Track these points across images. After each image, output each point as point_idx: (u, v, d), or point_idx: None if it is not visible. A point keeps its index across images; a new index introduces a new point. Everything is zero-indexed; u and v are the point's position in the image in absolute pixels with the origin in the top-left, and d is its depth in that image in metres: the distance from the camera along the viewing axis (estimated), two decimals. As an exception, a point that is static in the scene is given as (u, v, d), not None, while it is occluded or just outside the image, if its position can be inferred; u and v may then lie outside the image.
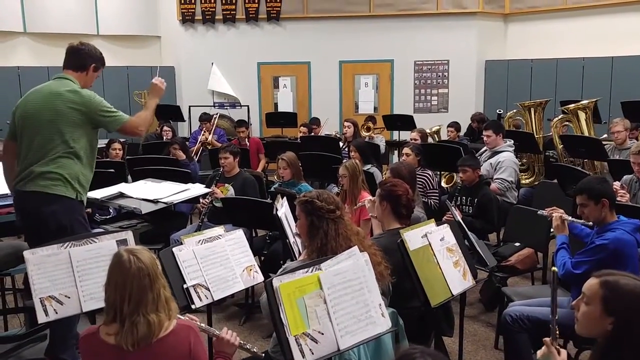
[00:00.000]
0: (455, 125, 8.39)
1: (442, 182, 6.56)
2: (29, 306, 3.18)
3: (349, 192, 4.44)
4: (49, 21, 9.65)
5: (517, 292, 3.82)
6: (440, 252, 2.99)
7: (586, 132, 6.34)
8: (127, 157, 6.55)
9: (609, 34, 8.99)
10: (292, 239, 3.50)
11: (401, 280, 2.84)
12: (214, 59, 10.54)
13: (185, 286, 2.84)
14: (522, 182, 6.64)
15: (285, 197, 3.87)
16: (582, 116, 6.38)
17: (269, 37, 10.55)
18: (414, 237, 2.91)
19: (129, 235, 2.91)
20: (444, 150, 6.31)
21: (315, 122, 8.92)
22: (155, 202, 4.09)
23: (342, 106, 10.72)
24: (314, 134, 8.35)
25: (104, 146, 6.70)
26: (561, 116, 6.68)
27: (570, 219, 3.34)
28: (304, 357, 2.09)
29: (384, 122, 8.92)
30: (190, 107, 10.18)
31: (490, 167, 5.59)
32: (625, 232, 3.06)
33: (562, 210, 3.40)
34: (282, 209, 3.63)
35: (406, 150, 5.53)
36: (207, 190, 4.81)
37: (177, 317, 2.15)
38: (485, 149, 5.93)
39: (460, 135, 8.51)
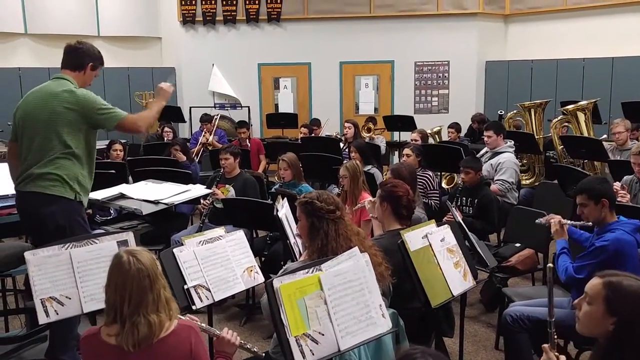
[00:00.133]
0: (455, 126, 8.39)
1: (443, 182, 6.56)
2: (30, 307, 3.18)
3: (349, 193, 4.44)
4: (49, 22, 9.66)
5: (517, 292, 3.82)
6: (440, 253, 2.99)
7: (585, 133, 6.34)
8: (128, 158, 6.56)
9: (609, 34, 8.99)
10: (292, 240, 3.50)
11: (402, 281, 2.84)
12: (214, 60, 10.55)
13: (186, 287, 2.84)
14: (523, 182, 6.65)
15: (285, 198, 3.87)
16: (582, 117, 6.38)
17: (270, 38, 10.55)
18: (414, 238, 2.91)
19: (129, 236, 2.91)
20: (445, 151, 6.31)
21: (315, 123, 8.93)
22: (156, 203, 4.09)
23: (343, 107, 10.72)
24: (314, 134, 8.36)
25: (105, 147, 6.71)
26: (560, 117, 6.68)
27: (569, 223, 3.32)
28: (304, 357, 2.09)
29: (385, 123, 8.92)
30: (190, 108, 10.19)
31: (490, 168, 5.59)
32: (625, 232, 3.06)
33: (559, 216, 3.39)
34: (283, 209, 3.63)
35: (407, 151, 5.53)
36: (208, 191, 4.81)
37: (177, 318, 2.16)
38: (485, 149, 5.93)
39: (460, 136, 8.51)
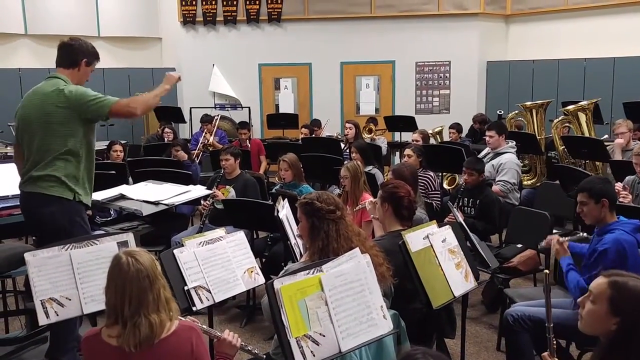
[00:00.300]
0: (456, 126, 8.38)
1: (444, 183, 6.55)
2: (30, 308, 3.18)
3: (350, 194, 4.43)
4: (50, 23, 9.67)
5: (519, 293, 3.81)
6: (442, 254, 2.99)
7: (586, 133, 6.33)
8: (128, 159, 6.55)
9: (611, 34, 8.98)
10: (293, 241, 3.50)
11: (403, 282, 2.83)
12: (215, 60, 10.55)
13: (186, 288, 2.83)
14: (524, 183, 6.63)
15: (286, 199, 3.87)
16: (583, 117, 6.36)
17: (270, 39, 10.55)
18: (415, 239, 2.90)
19: (130, 237, 2.90)
20: (446, 151, 6.30)
21: (316, 123, 8.93)
22: (156, 203, 4.09)
23: (344, 107, 10.72)
24: (315, 135, 8.35)
25: (105, 148, 6.71)
26: (561, 117, 6.67)
27: (567, 239, 3.26)
28: (305, 359, 2.09)
29: (386, 123, 8.91)
30: (191, 108, 10.19)
31: (492, 169, 5.58)
32: (624, 232, 3.05)
33: (556, 235, 3.33)
34: (283, 210, 3.63)
35: (408, 151, 5.52)
36: (208, 192, 4.81)
37: (178, 318, 2.15)
38: (487, 150, 5.91)
39: (462, 136, 8.50)
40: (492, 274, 4.35)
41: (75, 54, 3.40)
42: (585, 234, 3.09)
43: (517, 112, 7.41)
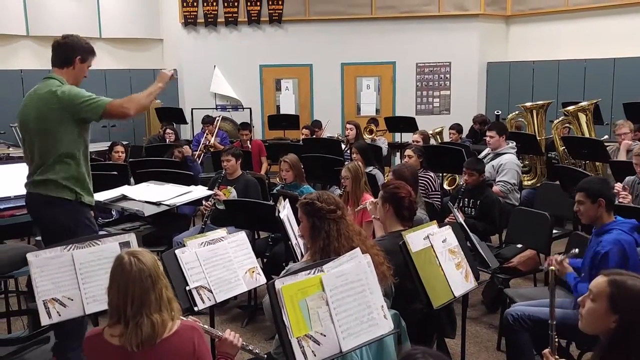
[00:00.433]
0: (457, 127, 8.38)
1: (445, 184, 6.56)
2: (32, 308, 3.19)
3: (351, 194, 4.44)
4: (51, 24, 9.67)
5: (519, 293, 3.82)
6: (442, 254, 3.00)
7: (587, 134, 6.34)
8: (130, 160, 6.57)
9: (611, 35, 8.98)
10: (294, 241, 3.51)
11: (403, 282, 2.84)
12: (216, 61, 10.56)
13: (187, 288, 2.84)
14: (524, 183, 6.65)
15: (287, 199, 3.88)
16: (583, 118, 6.37)
17: (271, 40, 10.56)
18: (416, 239, 2.91)
19: (131, 237, 2.91)
20: (446, 152, 6.31)
21: (317, 124, 8.94)
22: (157, 204, 4.09)
23: (344, 108, 10.72)
24: (316, 136, 8.36)
25: (107, 149, 6.72)
26: (562, 118, 6.68)
27: (564, 257, 3.20)
28: (306, 358, 2.10)
29: (386, 124, 8.92)
30: (192, 109, 10.21)
31: (492, 170, 5.59)
32: (622, 232, 3.07)
33: (555, 255, 3.28)
34: (285, 210, 3.64)
35: (408, 152, 5.53)
36: (210, 192, 4.82)
37: (180, 318, 2.16)
38: (487, 151, 5.92)
39: (462, 137, 8.51)
40: (492, 274, 4.36)
41: (68, 52, 3.33)
42: (577, 250, 3.09)
43: (517, 112, 7.42)
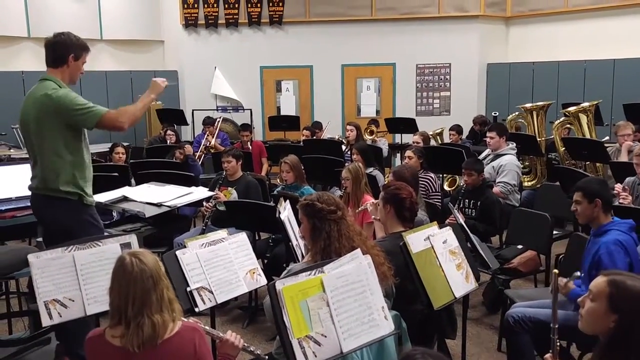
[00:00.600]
0: (457, 128, 8.38)
1: (445, 185, 6.56)
2: (33, 309, 3.19)
3: (351, 195, 4.44)
4: (52, 26, 9.50)
5: (519, 294, 3.82)
6: (442, 255, 3.00)
7: (588, 135, 6.34)
8: (131, 161, 6.58)
9: (611, 36, 8.99)
10: (295, 242, 3.51)
11: (404, 283, 2.84)
12: (216, 63, 10.57)
13: (188, 289, 2.84)
14: (525, 184, 6.65)
15: (288, 200, 3.88)
16: (584, 119, 6.37)
17: (272, 41, 10.57)
18: (416, 240, 2.91)
19: (132, 238, 2.91)
20: (447, 153, 6.31)
21: (317, 125, 8.94)
22: (158, 205, 4.09)
23: (345, 109, 10.73)
24: (316, 137, 8.37)
25: (108, 150, 6.73)
26: (562, 119, 6.68)
27: (567, 280, 3.12)
28: (307, 359, 2.10)
29: (387, 125, 8.93)
30: (193, 110, 10.21)
31: (492, 171, 5.59)
32: (620, 232, 3.08)
33: (559, 281, 3.27)
34: (285, 212, 3.64)
35: (409, 153, 5.53)
36: (211, 193, 4.81)
37: (181, 319, 2.16)
38: (487, 152, 5.93)
39: (462, 138, 8.51)
40: (493, 275, 4.36)
41: (60, 50, 3.25)
42: (579, 273, 3.07)
43: (517, 113, 7.43)
